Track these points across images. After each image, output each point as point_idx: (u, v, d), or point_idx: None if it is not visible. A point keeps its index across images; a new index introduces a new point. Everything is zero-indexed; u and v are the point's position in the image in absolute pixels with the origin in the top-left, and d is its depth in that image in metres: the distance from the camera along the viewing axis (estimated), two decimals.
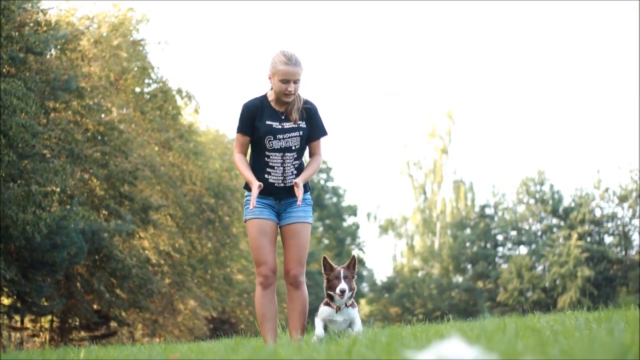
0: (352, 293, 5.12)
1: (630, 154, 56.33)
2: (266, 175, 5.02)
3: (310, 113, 5.07)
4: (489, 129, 65.83)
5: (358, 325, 5.14)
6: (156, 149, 22.55)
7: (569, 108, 61.45)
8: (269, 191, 5.03)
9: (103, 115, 20.05)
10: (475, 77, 65.12)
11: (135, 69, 21.55)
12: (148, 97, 22.20)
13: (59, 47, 17.96)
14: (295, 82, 4.91)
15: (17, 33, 15.14)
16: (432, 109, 51.03)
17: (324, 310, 5.14)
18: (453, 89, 68.02)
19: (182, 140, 22.96)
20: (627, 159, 51.64)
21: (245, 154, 5.14)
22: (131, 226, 18.20)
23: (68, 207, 15.80)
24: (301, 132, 5.03)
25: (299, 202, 4.92)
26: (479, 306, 40.52)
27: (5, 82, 13.76)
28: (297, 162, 5.07)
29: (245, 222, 5.13)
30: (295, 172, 5.06)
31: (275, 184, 5.03)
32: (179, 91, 22.53)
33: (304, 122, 5.04)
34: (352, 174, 71.30)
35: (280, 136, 4.98)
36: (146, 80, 22.26)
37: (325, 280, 5.12)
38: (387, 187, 72.77)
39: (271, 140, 4.99)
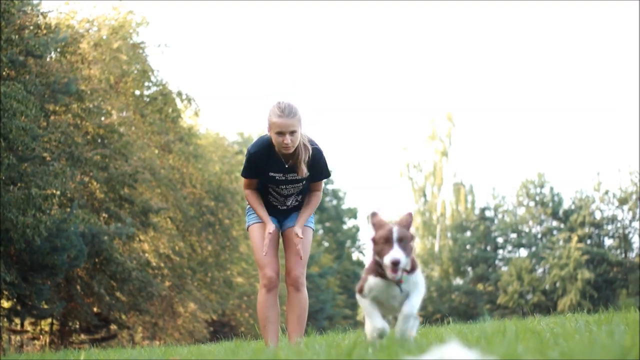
0: (409, 264, 3.51)
1: (630, 157, 56.32)
2: (269, 197, 5.11)
3: (314, 159, 4.95)
4: (489, 131, 65.82)
5: (416, 296, 3.56)
6: (156, 151, 22.55)
7: (569, 110, 61.49)
8: (270, 211, 5.13)
9: (103, 118, 20.05)
10: (475, 80, 65.17)
11: (135, 71, 21.55)
12: (148, 100, 22.20)
13: (59, 50, 17.97)
14: (292, 133, 4.75)
15: (17, 36, 15.15)
16: (433, 112, 51.23)
17: (372, 284, 3.54)
18: (453, 92, 67.99)
19: (182, 143, 22.96)
20: (627, 162, 51.67)
21: (255, 190, 5.13)
22: (131, 229, 18.19)
23: (68, 210, 15.80)
24: (305, 182, 5.03)
25: (298, 250, 4.98)
26: (479, 309, 40.50)
27: (5, 85, 13.76)
28: (300, 198, 5.14)
29: (247, 228, 5.15)
30: (299, 198, 5.12)
31: (278, 207, 5.13)
32: (179, 94, 22.53)
33: (307, 171, 4.96)
34: (352, 176, 71.29)
35: (283, 186, 4.99)
36: (146, 83, 22.26)
37: (373, 243, 3.65)
38: (387, 189, 72.74)
39: (274, 189, 5.03)
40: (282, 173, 4.93)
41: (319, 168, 4.99)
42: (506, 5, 63.34)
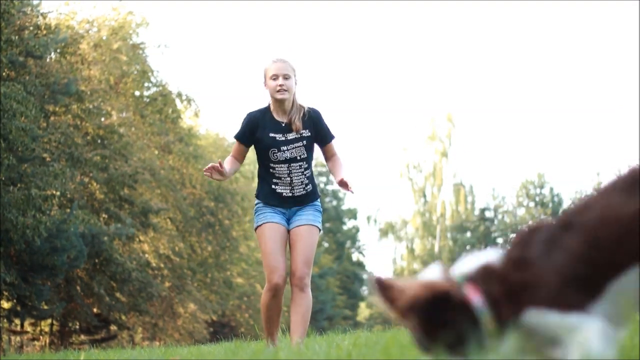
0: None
1: (630, 157, 56.32)
2: (273, 186, 5.02)
3: (314, 120, 5.02)
4: (489, 132, 65.91)
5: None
6: (156, 152, 22.54)
7: (569, 110, 61.51)
8: (277, 201, 5.03)
9: (103, 119, 20.05)
10: (475, 80, 65.19)
11: (135, 72, 21.55)
12: (148, 100, 22.20)
13: (58, 50, 17.96)
14: (286, 77, 4.91)
15: (17, 37, 15.15)
16: (433, 112, 51.11)
17: None
18: (453, 92, 68.06)
19: (182, 143, 22.95)
20: (626, 162, 51.59)
21: (238, 161, 5.15)
22: (131, 230, 18.19)
23: (68, 210, 15.80)
24: (305, 142, 4.99)
25: (350, 189, 4.97)
26: None
27: (5, 85, 13.76)
28: (307, 171, 5.05)
29: (256, 229, 5.09)
30: (306, 181, 5.04)
31: (284, 194, 5.03)
32: (179, 95, 22.53)
33: (307, 131, 4.99)
34: (352, 177, 71.18)
35: (284, 147, 4.95)
36: (146, 84, 22.26)
37: None
38: (387, 190, 72.87)
39: (275, 153, 4.97)
40: (281, 133, 4.95)
41: (323, 128, 5.08)
42: (506, 5, 63.39)
